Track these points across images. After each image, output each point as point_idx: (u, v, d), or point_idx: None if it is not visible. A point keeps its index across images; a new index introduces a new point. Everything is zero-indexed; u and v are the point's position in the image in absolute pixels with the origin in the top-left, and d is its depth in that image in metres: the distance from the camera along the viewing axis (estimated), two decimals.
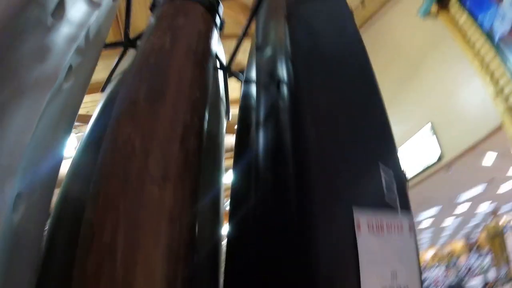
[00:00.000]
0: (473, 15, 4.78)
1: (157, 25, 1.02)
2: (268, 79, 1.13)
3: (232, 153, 1.38)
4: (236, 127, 1.54)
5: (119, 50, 1.69)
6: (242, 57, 1.77)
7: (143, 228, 0.61)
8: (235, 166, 1.32)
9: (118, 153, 0.72)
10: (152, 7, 1.23)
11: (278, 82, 1.00)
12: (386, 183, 0.74)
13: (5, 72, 0.79)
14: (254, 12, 1.36)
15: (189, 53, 0.92)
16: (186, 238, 0.67)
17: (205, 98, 0.91)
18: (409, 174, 5.57)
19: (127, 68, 1.58)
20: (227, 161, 1.56)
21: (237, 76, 1.64)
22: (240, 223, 1.06)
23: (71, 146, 1.55)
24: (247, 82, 1.54)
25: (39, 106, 0.91)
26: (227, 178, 1.58)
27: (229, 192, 1.27)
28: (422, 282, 0.67)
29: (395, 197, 0.75)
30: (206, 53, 1.01)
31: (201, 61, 0.94)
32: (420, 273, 0.68)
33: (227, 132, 1.67)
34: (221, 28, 1.23)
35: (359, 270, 0.60)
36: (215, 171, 1.41)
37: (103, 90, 1.83)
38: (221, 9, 1.27)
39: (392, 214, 0.70)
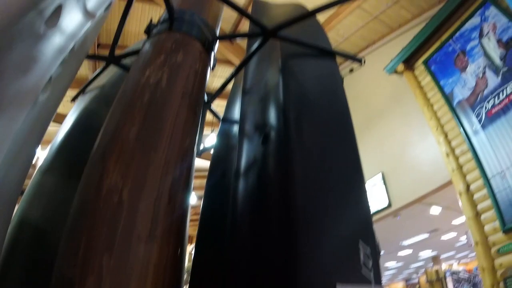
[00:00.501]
0: (436, 78, 5.17)
1: (154, 56, 0.99)
2: (253, 129, 1.13)
3: None
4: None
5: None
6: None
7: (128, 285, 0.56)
8: (206, 206, 1.30)
9: (104, 204, 0.66)
10: (148, 31, 1.19)
11: (265, 137, 1.00)
12: (363, 259, 0.75)
13: None
14: (247, 60, 1.36)
15: (184, 96, 0.89)
16: None
17: (194, 144, 0.89)
18: None
19: (105, 86, 1.53)
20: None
21: (216, 115, 1.63)
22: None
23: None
24: (225, 121, 1.54)
25: (14, 125, 0.85)
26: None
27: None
28: None
29: (370, 272, 0.77)
30: (200, 95, 0.99)
31: (194, 105, 0.92)
32: None
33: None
34: (213, 68, 1.23)
35: None
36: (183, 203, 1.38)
37: (73, 100, 1.75)
38: (216, 47, 1.27)
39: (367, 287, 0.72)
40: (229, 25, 6.76)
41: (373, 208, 5.66)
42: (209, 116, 1.81)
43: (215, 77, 7.39)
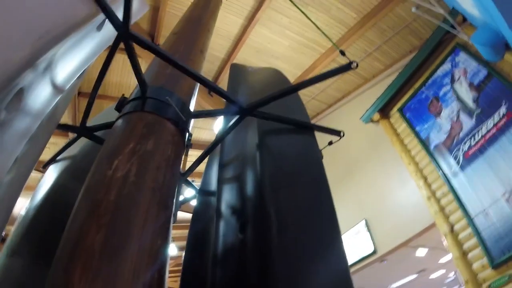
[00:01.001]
0: (412, 125, 5.34)
1: (123, 142, 0.95)
2: (230, 213, 1.09)
3: None
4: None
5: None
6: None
7: None
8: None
9: None
10: (119, 108, 1.17)
11: (242, 225, 0.96)
12: None
13: None
14: (223, 137, 1.35)
15: (155, 191, 0.84)
16: None
17: (166, 245, 0.83)
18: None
19: (76, 157, 1.48)
20: None
21: (192, 188, 1.59)
22: None
23: None
24: (202, 193, 1.50)
25: None
26: None
27: None
28: None
29: None
30: (172, 185, 0.95)
31: (165, 200, 0.87)
32: None
33: None
34: (187, 145, 1.19)
35: None
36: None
37: (44, 167, 1.69)
38: (191, 124, 1.25)
39: None
40: (209, 77, 6.94)
41: (358, 255, 5.61)
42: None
43: (195, 128, 7.45)
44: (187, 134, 1.17)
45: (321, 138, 1.36)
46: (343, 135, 1.37)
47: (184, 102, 1.19)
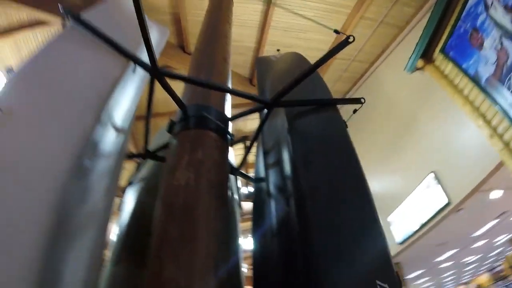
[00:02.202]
0: (458, 63, 5.07)
1: (179, 158, 1.19)
2: (277, 192, 1.29)
3: None
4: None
5: None
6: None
7: None
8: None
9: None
10: (170, 128, 1.41)
11: (287, 198, 1.16)
12: None
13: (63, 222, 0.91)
14: (258, 131, 1.54)
15: (211, 188, 1.08)
16: None
17: (227, 225, 1.06)
18: (421, 221, 5.61)
19: (147, 178, 1.76)
20: None
21: (247, 178, 1.81)
22: None
23: None
24: (257, 181, 1.71)
25: (85, 242, 1.06)
26: None
27: None
28: None
29: None
30: (224, 180, 1.18)
31: (221, 193, 1.10)
32: None
33: None
34: (232, 144, 1.41)
35: None
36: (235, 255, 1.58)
37: (123, 191, 2.00)
38: (230, 126, 1.46)
39: None
40: (245, 68, 7.15)
41: (432, 210, 5.43)
42: None
43: (248, 120, 7.73)
44: (228, 135, 1.37)
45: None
46: (364, 102, 1.49)
47: (219, 111, 1.40)
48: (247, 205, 2.59)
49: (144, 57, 1.27)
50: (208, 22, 2.11)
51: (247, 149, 1.66)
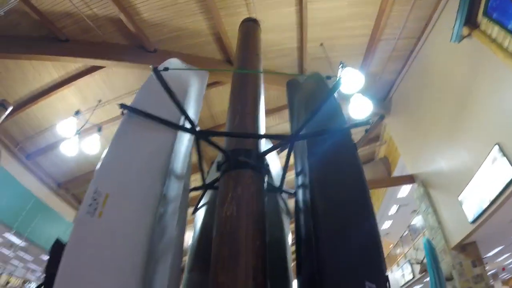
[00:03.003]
0: (503, 24, 4.84)
1: (225, 194, 1.64)
2: (304, 208, 1.68)
3: None
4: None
5: None
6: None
7: None
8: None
9: None
10: (218, 168, 1.87)
11: (307, 210, 1.56)
12: None
13: (151, 256, 1.39)
14: (288, 158, 1.94)
15: (249, 216, 1.51)
16: None
17: (264, 242, 1.48)
18: (490, 197, 5.43)
19: (209, 203, 2.25)
20: None
21: (289, 192, 2.21)
22: None
23: None
24: (295, 194, 2.11)
25: (167, 263, 1.54)
26: None
27: None
28: None
29: None
30: (261, 208, 1.60)
31: (257, 217, 1.54)
32: None
33: None
34: (267, 173, 1.82)
35: None
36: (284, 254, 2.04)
37: (193, 214, 2.52)
38: (265, 159, 1.86)
39: None
40: (292, 68, 7.47)
41: (501, 183, 5.19)
42: None
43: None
44: (262, 169, 1.78)
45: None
46: (372, 123, 1.80)
47: (253, 151, 1.81)
48: None
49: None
50: (237, 64, 2.52)
51: (284, 172, 2.07)
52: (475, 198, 5.85)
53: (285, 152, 2.17)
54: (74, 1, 5.97)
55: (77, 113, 7.03)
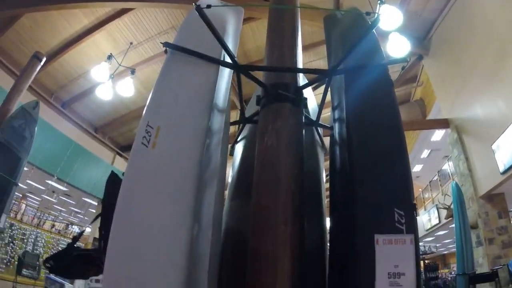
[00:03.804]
0: None
1: (265, 126, 1.70)
2: (339, 136, 1.73)
3: None
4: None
5: None
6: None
7: (280, 245, 1.33)
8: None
9: (263, 211, 1.48)
10: (258, 102, 1.91)
11: (343, 140, 1.61)
12: (397, 218, 1.34)
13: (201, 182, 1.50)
14: (325, 92, 1.95)
15: (289, 147, 1.59)
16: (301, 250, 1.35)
17: (301, 170, 1.57)
18: None
19: (247, 137, 2.33)
20: None
21: (325, 127, 2.26)
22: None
23: None
24: (331, 128, 2.15)
25: (213, 189, 1.66)
26: None
27: None
28: (418, 272, 1.24)
29: (402, 225, 1.34)
30: (299, 139, 1.66)
31: (296, 147, 1.62)
32: (417, 266, 1.26)
33: None
34: (305, 106, 1.86)
35: (375, 264, 1.26)
36: (319, 187, 2.13)
37: (232, 147, 2.62)
38: (303, 93, 1.89)
39: (399, 235, 1.32)
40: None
41: None
42: None
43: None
44: (301, 102, 1.81)
45: None
46: (410, 61, 1.78)
47: (292, 84, 1.83)
48: None
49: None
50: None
51: (320, 105, 2.10)
52: (508, 149, 5.71)
53: (321, 88, 2.19)
54: None
55: (109, 57, 7.14)
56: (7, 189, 5.03)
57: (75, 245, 3.19)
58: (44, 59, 6.18)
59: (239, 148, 2.45)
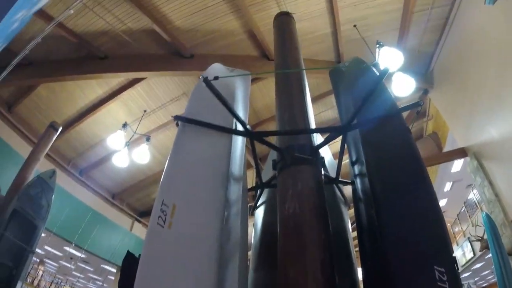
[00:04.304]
0: None
1: (284, 192, 1.66)
2: (364, 197, 1.67)
3: None
4: None
5: None
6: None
7: None
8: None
9: (291, 285, 1.37)
10: (274, 166, 1.89)
11: (368, 198, 1.55)
12: (438, 276, 1.21)
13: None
14: (342, 148, 1.93)
15: (312, 211, 1.53)
16: None
17: (329, 235, 1.49)
18: None
19: (267, 201, 2.29)
20: None
21: (346, 184, 2.21)
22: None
23: None
24: (352, 183, 2.10)
25: (235, 262, 1.59)
26: None
27: None
28: None
29: (445, 283, 1.21)
30: (322, 201, 1.61)
31: (320, 211, 1.56)
32: None
33: None
34: (323, 166, 1.82)
35: None
36: (346, 242, 2.04)
37: (252, 214, 2.56)
38: (319, 153, 1.86)
39: None
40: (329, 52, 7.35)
41: None
42: None
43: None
44: (318, 161, 1.78)
45: None
46: (423, 104, 1.75)
47: (307, 145, 1.82)
48: None
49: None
50: (277, 61, 2.53)
51: (339, 164, 2.06)
52: None
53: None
54: (108, 19, 6.24)
55: (124, 125, 7.35)
56: (23, 256, 5.04)
57: None
58: (60, 129, 6.42)
59: (259, 214, 2.39)
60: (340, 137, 1.93)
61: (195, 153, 1.67)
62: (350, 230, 2.23)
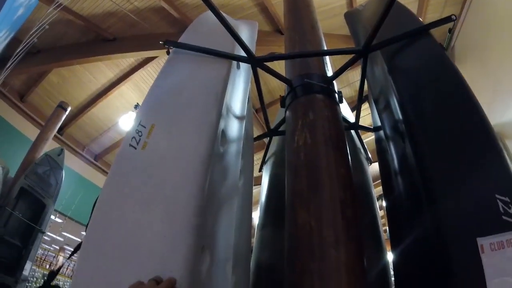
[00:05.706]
0: None
1: (294, 124, 1.36)
2: (393, 132, 1.36)
3: None
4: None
5: None
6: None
7: (330, 281, 0.90)
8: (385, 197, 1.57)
9: (301, 233, 1.04)
10: (282, 103, 1.60)
11: (401, 135, 1.22)
12: (503, 208, 0.88)
13: (211, 196, 1.14)
14: (363, 78, 1.61)
15: (327, 141, 1.22)
16: (362, 283, 0.94)
17: (349, 171, 1.19)
18: None
19: (276, 153, 2.01)
20: None
21: (367, 130, 1.89)
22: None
23: None
24: (375, 130, 1.78)
25: (232, 211, 1.33)
26: None
27: None
28: None
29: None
30: (340, 134, 1.30)
31: (337, 143, 1.24)
32: None
33: None
34: (340, 100, 1.51)
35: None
36: (371, 207, 1.73)
37: (260, 170, 2.29)
38: (335, 85, 1.57)
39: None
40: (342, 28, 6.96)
41: None
42: None
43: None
44: (334, 93, 1.48)
45: None
46: (456, 18, 1.42)
47: (320, 74, 1.52)
48: None
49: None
50: (288, 1, 2.22)
51: (358, 102, 1.74)
52: None
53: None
54: None
55: (136, 106, 7.20)
56: (32, 236, 4.91)
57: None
58: (69, 108, 6.31)
59: (268, 167, 2.11)
60: None
61: (186, 77, 1.38)
62: (374, 190, 1.92)
